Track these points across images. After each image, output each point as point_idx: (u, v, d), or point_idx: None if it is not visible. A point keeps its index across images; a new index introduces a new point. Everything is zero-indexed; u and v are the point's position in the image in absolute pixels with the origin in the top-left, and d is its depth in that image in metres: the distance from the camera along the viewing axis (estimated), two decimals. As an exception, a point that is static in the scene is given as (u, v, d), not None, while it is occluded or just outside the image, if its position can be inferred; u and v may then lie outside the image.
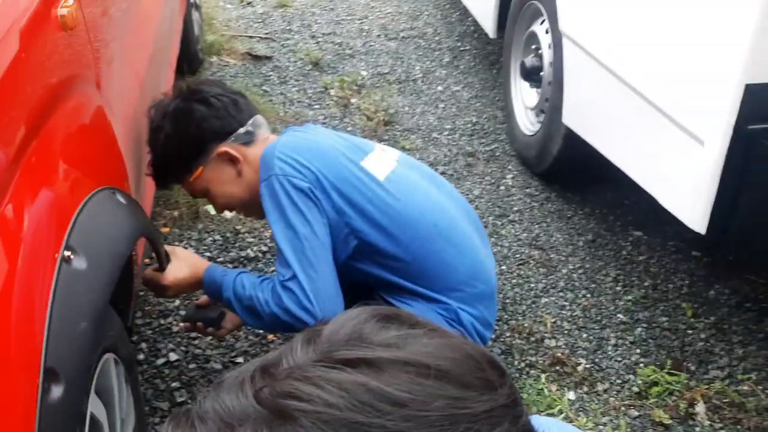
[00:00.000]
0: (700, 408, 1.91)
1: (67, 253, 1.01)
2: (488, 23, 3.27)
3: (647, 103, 1.82)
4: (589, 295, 2.36)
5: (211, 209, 2.54)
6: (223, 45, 3.96)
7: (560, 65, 2.47)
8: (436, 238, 1.66)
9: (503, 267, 2.46)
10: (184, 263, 1.65)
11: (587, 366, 2.08)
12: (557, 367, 2.06)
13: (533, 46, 2.84)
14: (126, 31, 1.68)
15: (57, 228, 1.03)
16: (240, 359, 2.10)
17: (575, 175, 2.77)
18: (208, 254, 2.45)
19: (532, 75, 2.80)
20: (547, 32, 2.68)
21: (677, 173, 1.74)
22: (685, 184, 1.67)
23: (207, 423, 0.45)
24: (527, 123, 2.93)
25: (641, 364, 2.08)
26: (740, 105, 1.49)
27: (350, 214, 1.58)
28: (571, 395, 1.98)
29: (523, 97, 2.96)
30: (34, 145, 1.00)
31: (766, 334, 2.19)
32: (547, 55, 2.67)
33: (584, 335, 2.20)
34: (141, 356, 2.06)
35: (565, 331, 2.21)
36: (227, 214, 2.49)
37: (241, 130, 1.68)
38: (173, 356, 2.09)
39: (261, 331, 2.19)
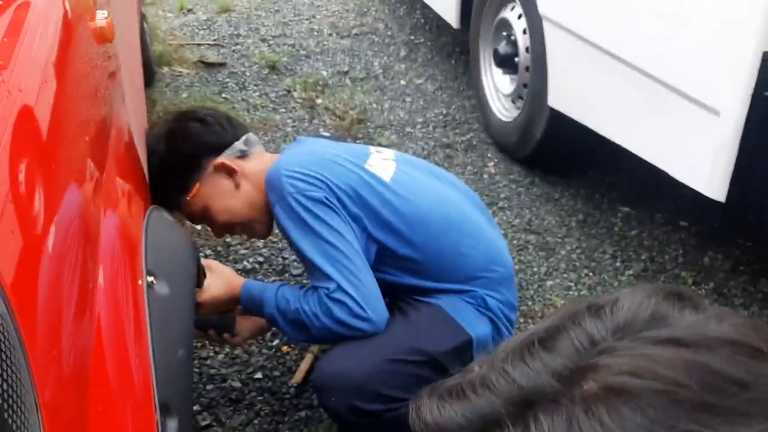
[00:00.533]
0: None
1: (150, 279, 0.95)
2: (450, 14, 3.28)
3: (650, 78, 1.86)
4: (591, 274, 2.40)
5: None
6: (172, 55, 3.84)
7: (540, 49, 2.50)
8: (450, 232, 1.66)
9: (503, 254, 2.48)
10: (219, 280, 1.59)
11: (606, 343, 2.11)
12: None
13: (504, 33, 2.86)
14: (125, 44, 1.60)
15: (133, 253, 0.96)
16: (258, 374, 2.04)
17: (559, 157, 2.82)
18: (203, 271, 2.37)
19: (506, 62, 2.83)
20: (519, 17, 2.71)
21: (690, 145, 1.78)
22: (700, 154, 1.72)
23: (494, 390, 0.43)
24: (503, 110, 2.96)
25: (656, 336, 2.13)
26: (757, 73, 1.54)
27: (366, 220, 1.57)
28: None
29: (497, 84, 2.98)
30: (107, 166, 0.94)
31: (764, 294, 2.29)
32: (522, 40, 2.70)
33: (595, 313, 2.24)
34: (155, 384, 1.97)
35: (576, 312, 2.24)
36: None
37: (237, 144, 1.68)
38: (187, 380, 2.00)
39: (274, 344, 2.13)
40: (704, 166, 1.70)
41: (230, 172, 1.66)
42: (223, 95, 3.50)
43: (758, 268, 2.37)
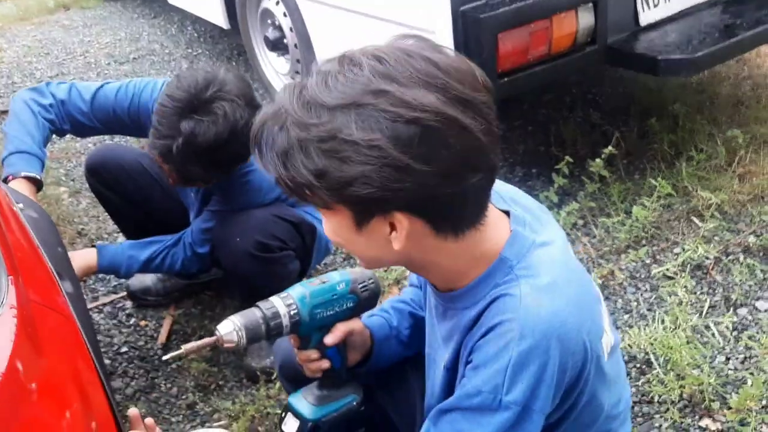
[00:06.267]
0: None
1: (20, 206, 1.29)
2: (218, 17, 3.72)
3: (382, 20, 2.43)
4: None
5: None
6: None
7: (301, 26, 3.00)
8: None
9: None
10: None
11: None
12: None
13: (269, 21, 3.34)
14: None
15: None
16: (124, 348, 2.34)
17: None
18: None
19: (277, 45, 3.31)
20: (277, 3, 3.20)
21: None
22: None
23: None
24: (286, 88, 3.44)
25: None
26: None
27: None
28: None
29: (275, 67, 3.46)
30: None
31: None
32: (285, 22, 3.20)
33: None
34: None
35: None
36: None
37: None
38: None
39: (131, 322, 2.42)
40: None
41: None
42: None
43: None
